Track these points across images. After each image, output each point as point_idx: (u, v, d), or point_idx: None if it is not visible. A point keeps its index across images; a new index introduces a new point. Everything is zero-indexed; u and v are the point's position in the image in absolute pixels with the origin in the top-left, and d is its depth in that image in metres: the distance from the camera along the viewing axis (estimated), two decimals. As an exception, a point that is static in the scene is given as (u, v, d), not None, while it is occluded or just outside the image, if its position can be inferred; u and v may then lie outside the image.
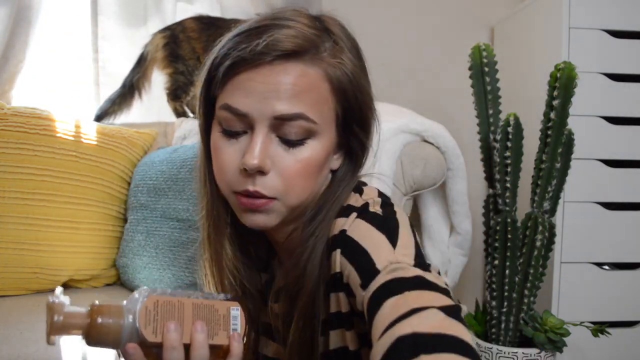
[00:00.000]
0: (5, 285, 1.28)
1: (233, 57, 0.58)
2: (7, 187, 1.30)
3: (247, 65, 0.58)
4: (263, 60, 0.57)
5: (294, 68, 0.58)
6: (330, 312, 0.64)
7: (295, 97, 0.58)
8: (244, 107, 0.59)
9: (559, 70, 1.34)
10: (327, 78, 0.60)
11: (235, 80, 0.59)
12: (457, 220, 1.49)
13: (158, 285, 1.25)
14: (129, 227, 1.39)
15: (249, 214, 0.62)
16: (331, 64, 0.61)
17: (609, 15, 1.59)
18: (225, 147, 0.61)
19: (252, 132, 0.60)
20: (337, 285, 0.61)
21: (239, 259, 0.69)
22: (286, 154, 0.60)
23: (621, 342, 1.59)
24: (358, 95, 0.63)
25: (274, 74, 0.58)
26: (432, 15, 2.05)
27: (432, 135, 1.43)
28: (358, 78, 0.63)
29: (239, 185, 0.60)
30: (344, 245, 0.60)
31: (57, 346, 1.03)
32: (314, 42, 0.60)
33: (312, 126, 0.60)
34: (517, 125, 1.37)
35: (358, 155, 0.66)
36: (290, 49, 0.58)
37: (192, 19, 1.73)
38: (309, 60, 0.59)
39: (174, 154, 1.37)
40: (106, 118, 1.69)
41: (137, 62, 1.72)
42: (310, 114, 0.59)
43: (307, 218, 0.65)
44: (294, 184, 0.61)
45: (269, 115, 0.58)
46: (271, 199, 0.60)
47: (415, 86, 2.01)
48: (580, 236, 1.59)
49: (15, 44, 1.68)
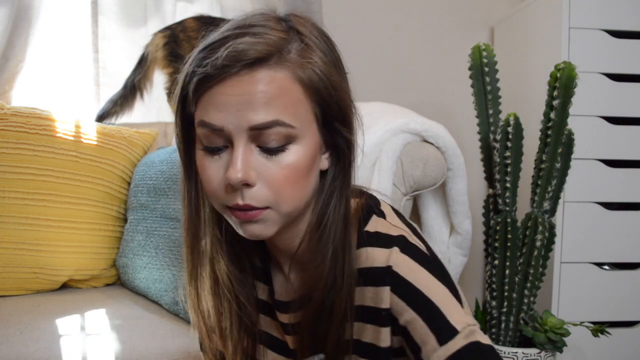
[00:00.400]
0: (5, 285, 1.28)
1: (198, 73, 0.57)
2: (7, 187, 1.30)
3: (214, 80, 0.57)
4: (228, 72, 0.56)
5: (261, 75, 0.57)
6: (359, 340, 0.65)
7: (268, 105, 0.57)
8: (219, 122, 0.57)
9: (559, 70, 1.34)
10: (297, 79, 0.59)
11: (206, 96, 0.58)
12: (457, 220, 1.49)
13: (158, 285, 1.25)
14: (129, 227, 1.39)
15: (245, 226, 0.62)
16: (299, 64, 0.59)
17: (609, 15, 1.59)
18: (209, 165, 0.60)
19: (231, 146, 0.59)
20: (381, 320, 0.62)
21: (230, 270, 0.69)
22: (269, 162, 0.59)
23: (621, 342, 1.59)
24: (332, 92, 0.61)
25: (242, 84, 0.56)
26: (432, 15, 2.05)
27: (432, 135, 1.43)
28: (329, 75, 0.61)
29: (229, 201, 0.60)
30: (395, 285, 0.61)
31: (57, 346, 1.03)
32: (279, 45, 0.58)
33: (291, 131, 0.58)
34: (517, 125, 1.37)
35: (345, 153, 0.65)
36: (254, 57, 0.56)
37: (193, 19, 1.73)
38: (275, 65, 0.57)
39: (174, 154, 1.37)
40: (108, 119, 1.69)
41: (138, 62, 1.72)
42: (286, 118, 0.58)
43: (311, 226, 0.65)
44: (283, 191, 0.60)
45: (244, 127, 0.57)
46: (263, 208, 0.60)
47: (415, 86, 2.01)
48: (580, 236, 1.59)
49: (15, 44, 1.68)
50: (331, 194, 0.65)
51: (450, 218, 1.50)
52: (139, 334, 1.09)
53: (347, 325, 0.64)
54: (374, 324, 0.63)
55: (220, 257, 0.68)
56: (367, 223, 0.66)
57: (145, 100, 1.74)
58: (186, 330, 1.15)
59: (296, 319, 0.68)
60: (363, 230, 0.65)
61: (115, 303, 1.28)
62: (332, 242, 0.63)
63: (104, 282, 1.42)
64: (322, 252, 0.63)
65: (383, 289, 0.61)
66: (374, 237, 0.64)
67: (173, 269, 1.23)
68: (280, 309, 0.72)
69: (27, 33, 1.69)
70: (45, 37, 1.72)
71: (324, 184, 0.66)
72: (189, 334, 1.13)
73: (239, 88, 0.56)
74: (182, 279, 1.21)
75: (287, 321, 0.71)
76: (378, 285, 0.62)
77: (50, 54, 1.74)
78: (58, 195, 1.34)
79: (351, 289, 0.63)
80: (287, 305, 0.70)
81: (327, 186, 0.65)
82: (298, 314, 0.67)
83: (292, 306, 0.69)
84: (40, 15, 1.70)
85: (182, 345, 1.05)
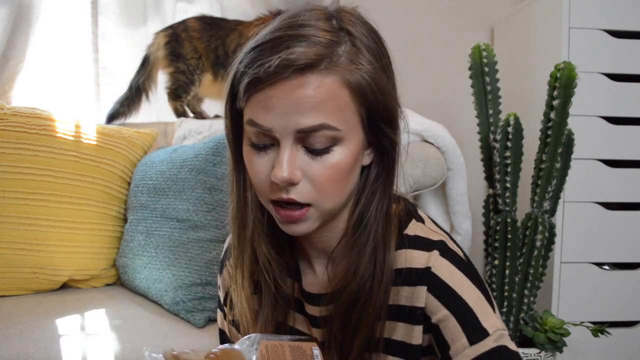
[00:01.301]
0: (5, 285, 1.28)
1: (249, 75, 0.59)
2: (7, 187, 1.30)
3: (264, 83, 0.58)
4: (279, 77, 0.57)
5: (311, 80, 0.58)
6: (389, 338, 0.67)
7: (315, 109, 0.58)
8: (267, 124, 0.59)
9: (559, 70, 1.34)
10: (346, 84, 0.60)
11: (256, 97, 0.60)
12: (457, 220, 1.49)
13: (158, 285, 1.25)
14: (129, 227, 1.39)
15: (288, 225, 0.64)
16: (348, 69, 0.60)
17: (609, 15, 1.59)
18: (256, 159, 0.63)
19: (278, 145, 0.61)
20: (415, 318, 0.65)
21: (271, 253, 0.71)
22: (314, 162, 0.61)
23: (621, 342, 1.59)
24: (379, 96, 0.62)
25: (291, 89, 0.58)
26: (432, 15, 2.05)
27: (432, 135, 1.43)
28: (378, 79, 0.62)
29: (273, 194, 0.62)
30: (432, 285, 0.64)
31: (57, 346, 1.03)
32: (330, 49, 0.59)
33: (336, 133, 0.60)
34: (517, 125, 1.37)
35: (389, 152, 0.67)
36: (304, 63, 0.57)
37: (195, 19, 1.73)
38: (324, 70, 0.58)
39: (174, 154, 1.37)
40: (117, 119, 1.71)
41: (141, 64, 1.73)
42: (333, 122, 0.59)
43: (352, 221, 0.67)
44: (326, 189, 0.62)
45: (292, 130, 0.59)
46: (306, 206, 0.62)
47: (415, 86, 2.01)
48: (580, 236, 1.59)
49: (15, 44, 1.68)
50: (374, 192, 0.67)
51: (450, 218, 1.50)
52: (139, 334, 1.09)
53: (379, 323, 0.66)
54: (407, 322, 0.66)
55: (261, 240, 0.70)
56: (407, 227, 0.69)
57: (151, 101, 1.75)
58: (186, 330, 1.15)
59: (328, 312, 0.70)
60: (403, 234, 0.68)
61: (115, 303, 1.28)
62: (373, 239, 0.66)
63: (104, 282, 1.42)
64: (360, 247, 0.66)
65: (420, 288, 0.64)
66: (413, 240, 0.67)
67: (173, 269, 1.23)
68: (311, 301, 0.73)
69: (27, 33, 1.69)
70: (45, 37, 1.73)
71: (366, 180, 0.67)
72: (189, 334, 1.13)
73: (288, 92, 0.58)
74: (182, 279, 1.21)
75: (318, 314, 0.72)
76: (415, 285, 0.65)
77: (50, 54, 1.74)
78: (58, 195, 1.34)
79: (387, 287, 0.66)
80: (318, 298, 0.72)
81: (370, 183, 0.67)
82: (330, 307, 0.69)
83: (325, 299, 0.70)
84: (40, 15, 1.71)
85: (182, 345, 1.05)
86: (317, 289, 0.72)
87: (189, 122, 1.65)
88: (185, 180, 1.28)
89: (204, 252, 1.23)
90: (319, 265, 0.73)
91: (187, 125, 1.64)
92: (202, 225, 1.24)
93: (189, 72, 1.71)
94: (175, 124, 1.72)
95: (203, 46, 1.70)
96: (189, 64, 1.71)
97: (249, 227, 0.70)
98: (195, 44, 1.71)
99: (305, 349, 0.66)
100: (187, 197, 1.27)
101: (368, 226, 0.66)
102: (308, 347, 0.66)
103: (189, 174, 1.28)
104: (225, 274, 0.82)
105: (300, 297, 0.74)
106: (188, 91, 1.73)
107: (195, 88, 1.73)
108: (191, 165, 1.29)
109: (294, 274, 0.74)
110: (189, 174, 1.28)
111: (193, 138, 1.59)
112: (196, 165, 1.28)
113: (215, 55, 1.70)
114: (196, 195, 1.26)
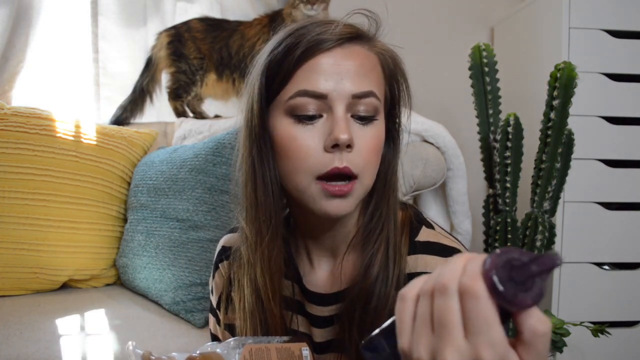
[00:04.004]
0: (5, 285, 1.28)
1: (306, 42, 0.62)
2: (7, 187, 1.30)
3: (321, 49, 0.62)
4: (335, 44, 0.62)
5: (360, 50, 0.64)
6: None
7: (366, 76, 0.63)
8: (324, 89, 0.61)
9: (559, 70, 1.34)
10: (380, 62, 0.66)
11: (309, 65, 0.62)
12: (457, 220, 1.49)
13: (158, 285, 1.25)
14: (129, 227, 1.39)
15: (333, 201, 0.63)
16: (382, 49, 0.66)
17: (609, 15, 1.59)
18: (302, 133, 0.62)
19: (329, 113, 0.62)
20: None
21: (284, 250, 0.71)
22: (361, 131, 0.63)
23: (621, 342, 1.59)
24: (401, 80, 0.69)
25: (345, 56, 0.62)
26: (432, 15, 2.05)
27: (432, 135, 1.43)
28: (401, 64, 0.69)
29: (325, 166, 0.61)
30: None
31: (57, 346, 1.03)
32: (368, 30, 0.66)
33: (378, 104, 0.64)
34: (517, 125, 1.37)
35: (395, 138, 0.70)
36: (355, 33, 0.64)
37: (198, 20, 1.74)
38: (367, 45, 0.65)
39: (174, 154, 1.37)
40: (120, 125, 1.71)
41: (145, 66, 1.73)
42: (377, 92, 0.64)
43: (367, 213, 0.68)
44: (370, 160, 0.64)
45: (346, 95, 0.61)
46: (353, 179, 0.63)
47: (415, 86, 2.01)
48: (580, 236, 1.59)
49: (15, 44, 1.68)
50: (386, 180, 0.69)
51: (450, 218, 1.50)
52: (139, 334, 1.09)
53: None
54: None
55: (277, 237, 0.69)
56: (419, 233, 0.69)
57: (155, 103, 1.75)
58: (186, 330, 1.15)
59: (335, 311, 0.70)
60: (415, 240, 0.68)
61: (115, 303, 1.28)
62: (385, 236, 0.67)
63: (104, 282, 1.42)
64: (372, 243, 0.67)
65: None
66: (426, 245, 0.68)
67: (173, 269, 1.23)
68: (315, 301, 0.73)
69: (27, 33, 1.69)
70: (45, 37, 1.73)
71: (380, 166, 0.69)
72: (189, 334, 1.13)
73: (341, 59, 0.62)
74: (182, 279, 1.21)
75: (320, 314, 0.72)
76: None
77: (50, 54, 1.74)
78: (58, 195, 1.34)
79: (401, 286, 0.65)
80: (323, 297, 0.71)
81: (383, 171, 0.69)
82: (339, 305, 0.69)
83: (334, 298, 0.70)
84: (40, 15, 1.71)
85: (182, 345, 1.05)
86: (322, 289, 0.72)
87: (189, 122, 1.65)
88: (185, 180, 1.28)
89: (204, 252, 1.23)
90: (325, 264, 0.73)
91: (187, 125, 1.64)
92: (202, 225, 1.24)
93: (191, 72, 1.71)
94: (175, 124, 1.72)
95: (207, 47, 1.71)
96: (192, 64, 1.71)
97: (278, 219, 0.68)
98: (198, 45, 1.71)
99: (294, 350, 0.65)
100: (187, 197, 1.27)
101: (380, 222, 0.67)
102: (297, 348, 0.66)
103: (189, 174, 1.28)
104: (217, 276, 0.80)
105: (301, 298, 0.74)
106: (189, 91, 1.73)
107: (196, 88, 1.73)
108: (191, 165, 1.29)
109: (291, 275, 0.74)
110: (189, 174, 1.28)
111: (193, 138, 1.59)
112: (196, 165, 1.28)
113: (220, 56, 1.70)
114: (196, 195, 1.26)
